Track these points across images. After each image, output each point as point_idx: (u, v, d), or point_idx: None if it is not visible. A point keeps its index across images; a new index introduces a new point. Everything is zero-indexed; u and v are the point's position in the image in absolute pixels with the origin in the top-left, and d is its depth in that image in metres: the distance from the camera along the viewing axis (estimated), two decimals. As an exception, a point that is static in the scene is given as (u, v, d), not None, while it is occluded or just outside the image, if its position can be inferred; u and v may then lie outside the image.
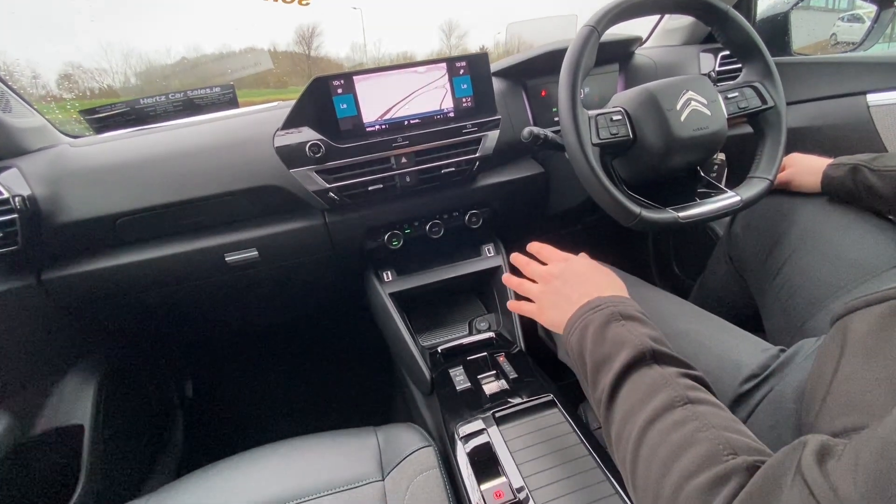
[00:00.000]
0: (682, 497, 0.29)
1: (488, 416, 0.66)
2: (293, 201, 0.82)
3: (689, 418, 0.33)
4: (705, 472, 0.29)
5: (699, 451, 0.30)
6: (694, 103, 0.68)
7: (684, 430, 0.32)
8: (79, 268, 0.77)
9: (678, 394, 0.35)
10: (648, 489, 0.32)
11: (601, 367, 0.41)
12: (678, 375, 0.37)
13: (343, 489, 0.57)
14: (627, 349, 0.39)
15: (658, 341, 0.41)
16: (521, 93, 0.96)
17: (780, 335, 0.71)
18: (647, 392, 0.36)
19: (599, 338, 0.42)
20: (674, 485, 0.30)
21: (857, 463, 0.23)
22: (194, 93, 0.89)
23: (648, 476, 0.32)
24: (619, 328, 0.42)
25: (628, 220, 0.66)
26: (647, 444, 0.34)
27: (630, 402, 0.37)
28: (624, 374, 0.39)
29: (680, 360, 0.40)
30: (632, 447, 0.35)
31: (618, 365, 0.39)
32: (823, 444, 0.25)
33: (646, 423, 0.34)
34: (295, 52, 1.89)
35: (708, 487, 0.28)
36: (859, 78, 0.91)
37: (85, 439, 0.84)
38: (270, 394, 1.35)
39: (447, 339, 0.91)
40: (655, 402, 0.35)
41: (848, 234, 0.67)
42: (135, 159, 0.78)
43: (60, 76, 1.15)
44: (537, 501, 0.53)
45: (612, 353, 0.40)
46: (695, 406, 0.34)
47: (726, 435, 0.31)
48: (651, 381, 0.37)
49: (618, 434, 0.37)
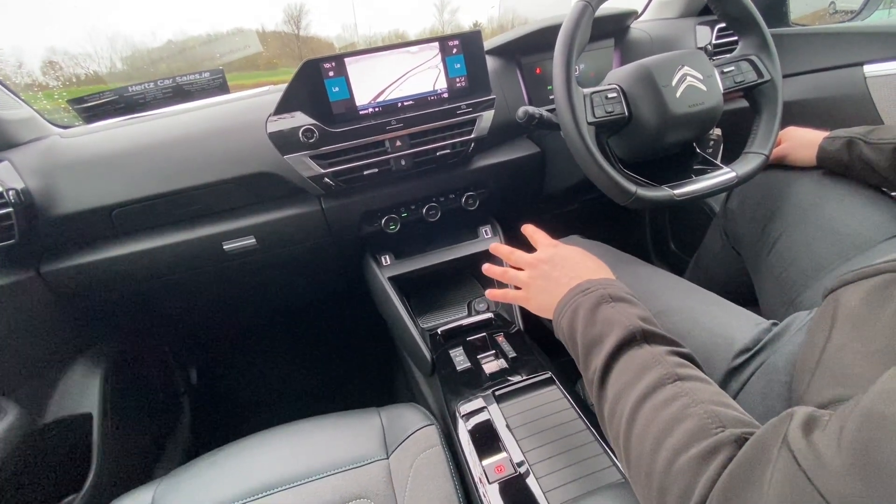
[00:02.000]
0: (674, 470, 0.30)
1: (488, 395, 0.68)
2: (288, 188, 0.81)
3: (678, 395, 0.34)
4: (695, 445, 0.30)
5: (689, 426, 0.31)
6: (689, 79, 0.67)
7: (674, 406, 0.33)
8: (77, 260, 0.77)
9: (668, 371, 0.36)
10: (642, 465, 0.33)
11: (592, 348, 0.42)
12: (667, 353, 0.38)
13: (349, 468, 0.59)
14: (618, 330, 0.40)
15: (647, 321, 0.42)
16: (515, 71, 0.94)
17: (774, 309, 0.72)
18: (638, 371, 0.37)
19: (590, 319, 0.43)
20: (666, 459, 0.31)
21: (841, 433, 0.23)
22: (183, 79, 0.88)
23: (641, 452, 0.33)
24: (609, 310, 0.43)
25: (624, 198, 0.66)
26: (639, 421, 0.35)
27: (622, 382, 0.38)
28: (615, 354, 0.40)
29: (668, 338, 0.41)
30: (624, 425, 0.36)
31: (609, 346, 0.40)
32: (810, 416, 0.26)
33: (637, 401, 0.35)
34: (284, 32, 1.84)
35: (699, 460, 0.29)
36: (856, 48, 0.90)
37: (94, 427, 0.86)
38: (274, 378, 1.37)
39: (447, 321, 0.92)
40: (646, 380, 0.36)
41: (843, 208, 0.67)
42: (127, 149, 0.77)
43: (45, 63, 1.13)
44: (537, 475, 0.55)
45: (603, 335, 0.41)
46: (684, 382, 0.35)
47: (714, 409, 0.32)
48: (641, 360, 0.38)
49: (610, 412, 0.38)
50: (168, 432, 1.12)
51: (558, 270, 0.53)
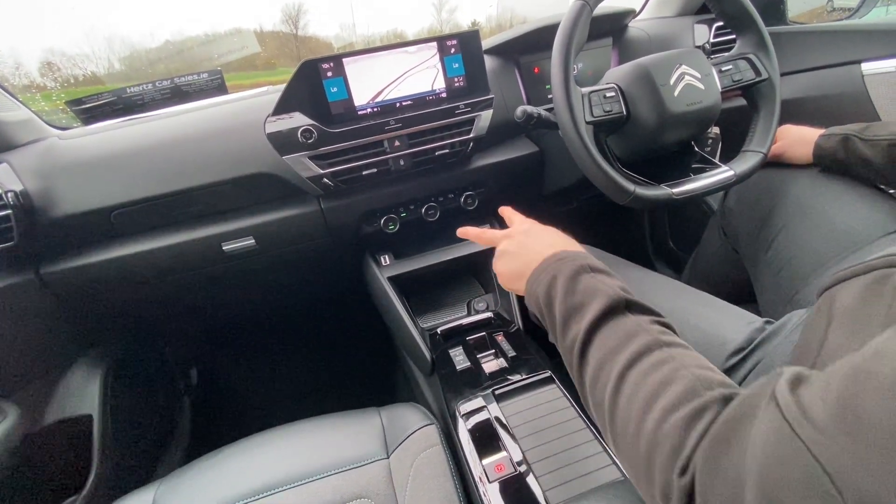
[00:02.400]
0: (664, 430, 0.31)
1: (488, 394, 0.68)
2: (287, 188, 0.81)
3: (665, 360, 0.34)
4: (685, 406, 0.31)
5: (678, 389, 0.32)
6: (687, 78, 0.67)
7: (663, 370, 0.34)
8: (77, 261, 0.77)
9: (653, 338, 0.36)
10: (629, 428, 0.33)
11: (573, 315, 0.42)
12: (650, 322, 0.39)
13: (349, 468, 0.59)
14: (601, 299, 0.40)
15: (627, 291, 0.42)
16: (513, 70, 0.94)
17: (772, 307, 0.72)
18: (623, 338, 0.37)
19: (570, 287, 0.43)
20: (655, 420, 0.31)
21: (827, 388, 0.24)
22: (182, 79, 0.88)
23: (629, 416, 0.34)
24: (590, 279, 0.43)
25: (623, 197, 0.66)
26: (627, 385, 0.35)
27: (606, 348, 0.38)
28: (598, 322, 0.39)
29: (649, 308, 0.41)
30: (610, 390, 0.36)
31: (591, 314, 0.40)
32: (798, 374, 0.27)
33: (625, 366, 0.35)
34: (282, 31, 1.84)
35: (688, 419, 0.30)
36: (854, 46, 0.90)
37: (94, 429, 0.86)
38: (275, 379, 1.37)
39: (446, 321, 0.92)
40: (632, 346, 0.36)
41: (839, 205, 0.68)
42: (126, 150, 0.77)
43: (43, 64, 1.13)
44: (537, 474, 0.55)
45: (585, 303, 0.41)
46: (670, 349, 0.35)
47: (700, 372, 0.33)
48: (626, 328, 0.38)
49: (593, 379, 0.38)
50: (168, 433, 1.12)
51: (532, 240, 0.52)
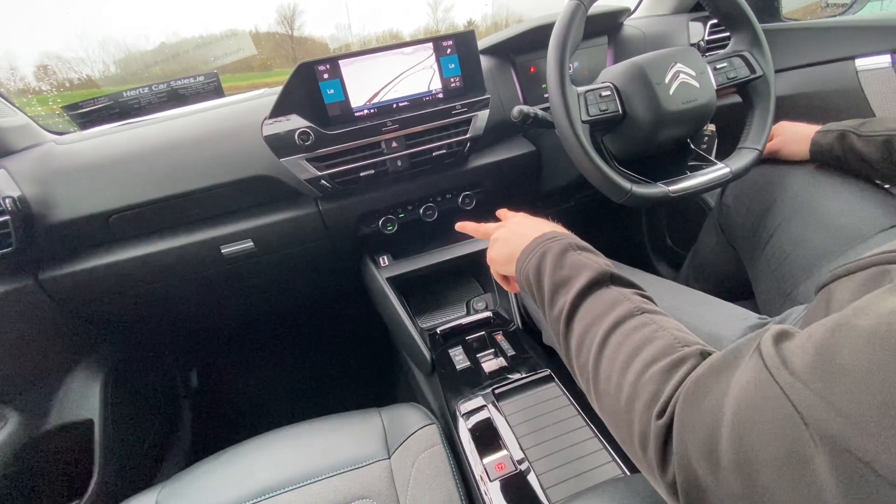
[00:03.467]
0: (642, 381, 0.33)
1: (488, 393, 0.68)
2: (285, 190, 0.82)
3: (646, 323, 0.37)
4: (664, 359, 0.33)
5: (658, 345, 0.34)
6: (683, 76, 0.68)
7: (644, 331, 0.36)
8: (75, 266, 0.77)
9: (635, 306, 0.39)
10: (611, 384, 0.36)
11: (560, 287, 0.44)
12: (633, 293, 0.41)
13: (351, 469, 0.59)
14: (587, 272, 0.43)
15: (611, 267, 0.44)
16: (509, 70, 0.95)
17: (770, 304, 0.72)
18: (608, 306, 0.40)
19: (559, 263, 0.45)
20: (635, 373, 0.34)
21: (808, 339, 0.25)
22: (178, 83, 0.88)
23: (611, 373, 0.36)
24: (577, 256, 0.45)
25: (619, 196, 0.66)
26: (610, 345, 0.37)
27: (591, 315, 0.40)
28: (585, 292, 0.42)
29: (632, 281, 0.44)
30: (595, 351, 0.38)
31: (578, 285, 0.42)
32: (782, 330, 0.28)
33: (608, 328, 0.38)
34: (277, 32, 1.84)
35: (666, 370, 0.32)
36: (847, 42, 0.90)
37: (95, 433, 0.86)
38: (275, 380, 1.37)
39: (445, 321, 0.92)
40: (616, 312, 0.39)
41: (836, 201, 0.68)
42: (123, 155, 0.77)
43: (38, 67, 1.12)
44: (537, 472, 0.56)
45: (573, 276, 0.43)
46: (650, 315, 0.38)
47: (679, 334, 0.35)
48: (610, 298, 0.40)
49: (579, 343, 0.40)
50: (169, 436, 1.13)
51: (523, 227, 0.55)
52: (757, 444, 0.24)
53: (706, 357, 0.31)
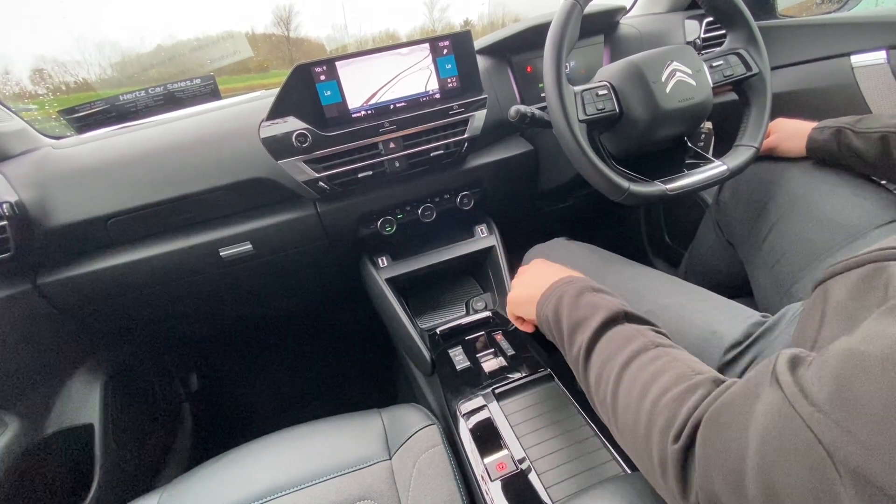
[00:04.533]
0: (658, 407, 0.34)
1: (488, 393, 0.68)
2: (283, 192, 0.82)
3: (660, 356, 0.38)
4: (677, 386, 0.34)
5: (671, 375, 0.36)
6: (679, 74, 0.68)
7: (658, 363, 0.37)
8: (74, 270, 0.77)
9: (649, 340, 0.40)
10: (629, 413, 0.37)
11: (577, 327, 0.46)
12: (648, 330, 0.43)
13: (352, 470, 0.59)
14: (602, 311, 0.44)
15: (626, 307, 0.46)
16: (506, 70, 0.95)
17: (768, 301, 0.72)
18: (623, 342, 0.41)
19: (575, 304, 0.47)
20: (651, 401, 0.35)
21: (824, 367, 0.25)
22: (174, 86, 0.88)
23: (629, 403, 0.37)
24: (593, 296, 0.47)
25: (617, 194, 0.66)
26: (626, 378, 0.38)
27: (608, 352, 0.42)
28: (600, 330, 0.44)
29: (646, 319, 0.45)
30: (612, 385, 0.39)
31: (594, 323, 0.44)
32: (795, 355, 0.28)
33: (624, 363, 0.39)
34: (274, 33, 1.84)
35: (681, 396, 0.33)
36: (843, 39, 0.90)
37: (95, 438, 0.86)
38: (275, 383, 1.37)
39: (445, 321, 0.92)
40: (631, 347, 0.40)
41: (833, 197, 0.68)
42: (120, 159, 0.77)
43: (34, 71, 1.12)
44: (539, 471, 0.56)
45: (589, 315, 0.45)
46: (664, 348, 0.39)
47: (691, 363, 0.37)
48: (625, 334, 0.42)
49: (597, 378, 0.42)
50: (170, 440, 1.12)
51: (539, 274, 0.59)
52: (783, 477, 0.24)
53: (719, 384, 0.32)
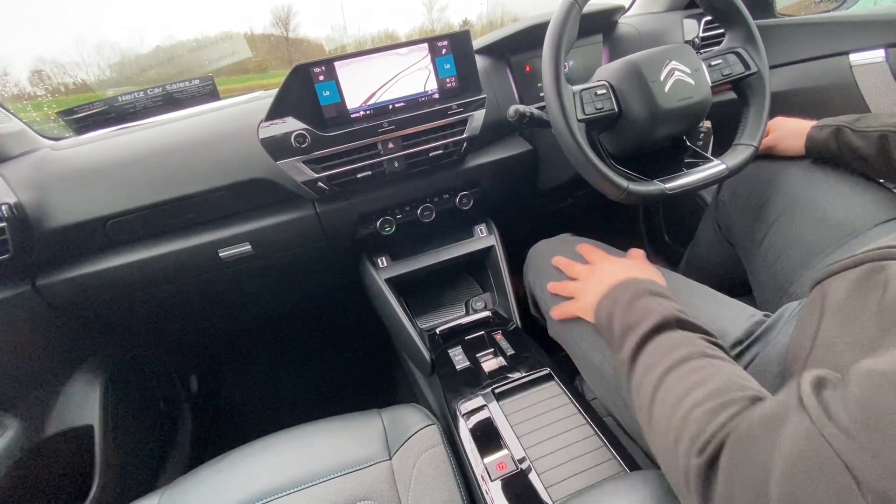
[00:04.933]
0: (689, 419, 0.33)
1: (488, 393, 0.68)
2: (283, 193, 0.82)
3: (704, 367, 0.37)
4: (712, 400, 0.33)
5: (710, 387, 0.34)
6: (678, 73, 0.68)
7: (700, 373, 0.36)
8: (73, 272, 0.77)
9: (697, 349, 0.39)
10: (662, 422, 0.36)
11: (628, 331, 0.45)
12: (699, 338, 0.41)
13: (352, 470, 0.59)
14: (654, 316, 0.43)
15: (683, 312, 0.45)
16: (505, 69, 0.95)
17: (767, 300, 0.73)
18: (670, 348, 0.40)
19: (628, 307, 0.46)
20: (684, 412, 0.34)
21: (849, 393, 0.25)
22: (173, 86, 0.88)
23: (663, 412, 0.36)
24: (648, 300, 0.46)
25: (616, 193, 0.66)
26: (663, 387, 0.37)
27: (653, 357, 0.41)
28: (649, 335, 0.42)
29: (702, 328, 0.43)
30: (651, 391, 0.38)
31: (644, 328, 0.43)
32: (819, 377, 0.28)
33: (666, 370, 0.38)
34: (272, 34, 1.83)
35: (712, 410, 0.32)
36: (841, 38, 0.91)
37: (95, 439, 0.86)
38: (275, 383, 1.37)
39: (445, 321, 0.92)
40: (676, 354, 0.39)
41: (832, 196, 0.68)
42: (119, 160, 0.77)
43: (32, 72, 1.12)
44: (539, 470, 0.56)
45: (640, 320, 0.44)
46: (711, 359, 0.38)
47: (735, 378, 0.35)
48: (674, 341, 0.41)
49: (638, 384, 0.41)
50: (170, 441, 1.12)
51: (606, 275, 0.56)
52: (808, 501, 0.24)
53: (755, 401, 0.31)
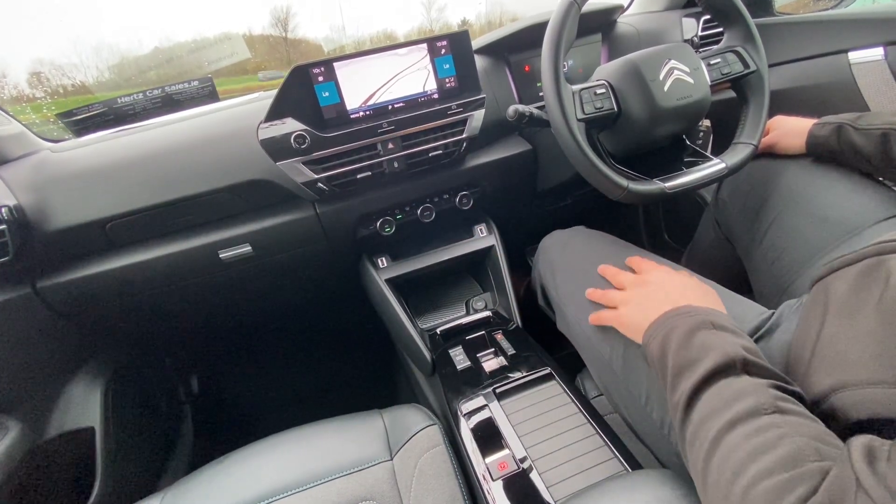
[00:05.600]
0: (753, 494, 0.28)
1: (489, 393, 0.68)
2: (282, 194, 0.82)
3: (775, 425, 0.31)
4: (781, 473, 0.28)
5: (779, 454, 0.29)
6: (677, 72, 0.68)
7: (767, 434, 0.30)
8: (73, 274, 0.77)
9: (766, 401, 0.33)
10: (718, 492, 0.31)
11: (684, 371, 0.39)
12: (770, 386, 0.35)
13: (354, 471, 0.59)
14: (715, 355, 0.37)
15: (752, 352, 0.38)
16: (504, 69, 0.95)
17: (768, 298, 0.73)
18: (731, 398, 0.34)
19: (685, 342, 0.40)
20: (747, 483, 0.29)
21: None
22: (172, 88, 0.88)
23: (720, 479, 0.31)
24: (709, 335, 0.40)
25: (616, 193, 0.67)
26: (723, 446, 0.32)
27: (710, 407, 0.35)
28: (708, 379, 0.37)
29: (775, 372, 0.37)
30: (706, 449, 0.33)
31: (702, 370, 0.37)
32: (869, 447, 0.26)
33: (725, 426, 0.33)
34: (271, 35, 1.84)
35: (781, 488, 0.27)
36: (840, 36, 0.91)
37: (96, 441, 0.86)
38: (276, 384, 1.37)
39: (445, 321, 0.92)
40: (738, 406, 0.33)
41: (832, 194, 0.68)
42: (119, 162, 0.77)
43: (31, 74, 1.12)
44: (540, 470, 0.56)
45: (698, 359, 0.38)
46: (783, 416, 0.32)
47: (814, 444, 0.29)
48: (737, 388, 0.35)
49: (692, 437, 0.35)
50: (172, 442, 1.12)
51: (659, 291, 0.50)
52: None
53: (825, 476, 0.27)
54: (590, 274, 0.70)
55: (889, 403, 0.34)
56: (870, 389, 0.35)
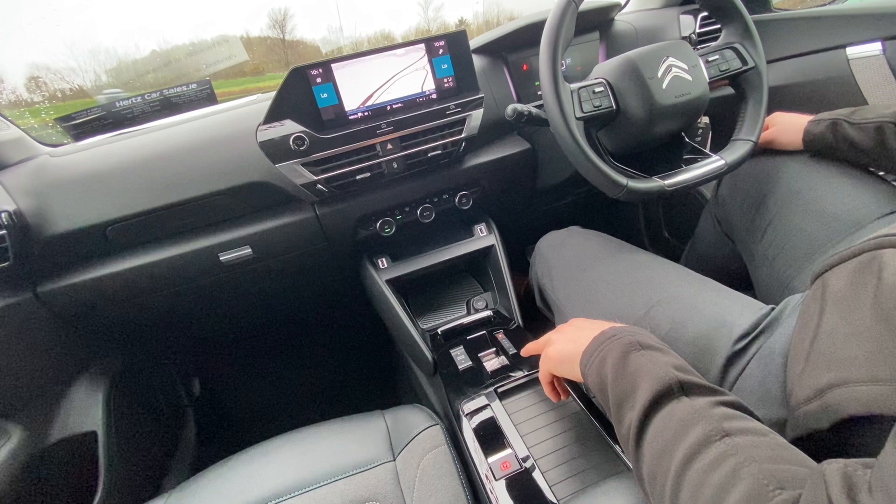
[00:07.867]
0: None
1: (491, 392, 0.68)
2: (282, 196, 0.82)
3: (727, 453, 0.31)
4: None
5: (743, 491, 0.28)
6: (675, 70, 0.68)
7: (724, 467, 0.30)
8: (73, 278, 0.77)
9: (713, 427, 0.33)
10: None
11: (624, 402, 0.39)
12: (710, 406, 0.35)
13: (357, 472, 0.59)
14: (650, 381, 0.37)
15: (682, 369, 0.39)
16: (502, 68, 0.95)
17: (768, 294, 0.73)
18: (679, 429, 0.34)
19: (620, 370, 0.40)
20: None
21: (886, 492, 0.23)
22: (170, 91, 0.87)
23: None
24: (640, 358, 0.40)
25: (615, 191, 0.67)
26: (686, 486, 0.32)
27: (661, 441, 0.35)
28: (650, 409, 0.37)
29: (709, 387, 0.37)
30: (670, 489, 0.33)
31: (642, 400, 0.37)
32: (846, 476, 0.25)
33: (682, 463, 0.32)
34: (269, 36, 1.83)
35: None
36: (838, 31, 0.91)
37: (99, 445, 0.86)
38: (277, 386, 1.37)
39: (446, 321, 0.92)
40: (689, 439, 0.33)
41: (831, 189, 0.68)
42: (118, 166, 0.77)
43: (29, 79, 1.12)
44: (543, 469, 0.56)
45: (635, 387, 0.38)
46: (733, 438, 0.32)
47: (770, 468, 0.29)
48: (682, 416, 0.35)
49: (651, 475, 0.35)
50: (174, 445, 1.12)
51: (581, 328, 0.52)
52: None
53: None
54: (586, 274, 0.70)
55: (884, 401, 0.34)
56: (865, 387, 0.35)
